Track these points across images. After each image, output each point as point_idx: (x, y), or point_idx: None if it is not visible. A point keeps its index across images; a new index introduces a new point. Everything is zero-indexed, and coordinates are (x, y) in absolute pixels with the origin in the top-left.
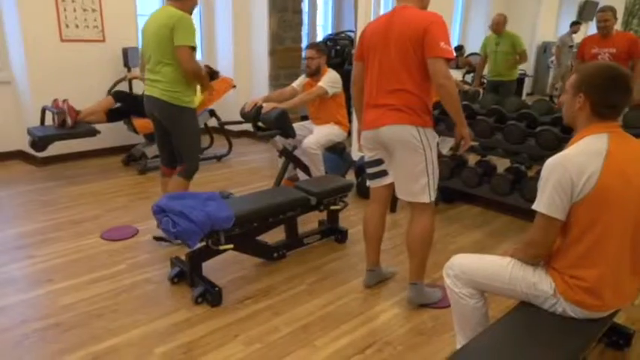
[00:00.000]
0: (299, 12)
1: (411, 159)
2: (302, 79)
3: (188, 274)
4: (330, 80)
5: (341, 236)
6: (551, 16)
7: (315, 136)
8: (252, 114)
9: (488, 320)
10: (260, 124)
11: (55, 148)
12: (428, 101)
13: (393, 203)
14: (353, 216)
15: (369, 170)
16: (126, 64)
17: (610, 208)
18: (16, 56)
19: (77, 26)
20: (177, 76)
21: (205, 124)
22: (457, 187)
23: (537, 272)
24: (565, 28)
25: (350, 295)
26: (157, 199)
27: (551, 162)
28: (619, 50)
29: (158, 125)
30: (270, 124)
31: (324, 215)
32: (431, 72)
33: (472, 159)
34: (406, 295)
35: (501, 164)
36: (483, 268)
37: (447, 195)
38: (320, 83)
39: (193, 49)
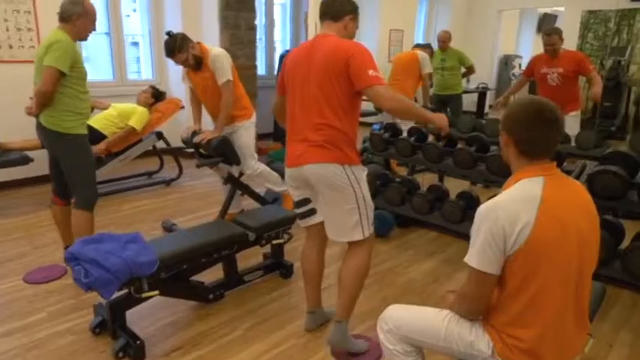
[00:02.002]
0: (253, 29)
1: (339, 198)
2: (183, 74)
3: (109, 325)
4: (221, 62)
5: (286, 271)
6: (511, 30)
7: (241, 157)
8: (191, 141)
9: None
10: (201, 150)
11: None
12: (353, 136)
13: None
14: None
15: (297, 210)
16: None
17: (547, 261)
18: None
19: (11, 47)
20: (54, 101)
21: (154, 147)
22: (408, 214)
23: (475, 329)
24: (526, 41)
25: (289, 341)
26: (98, 230)
27: (483, 209)
28: (566, 69)
29: (49, 152)
30: (211, 152)
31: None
32: (373, 102)
33: (426, 181)
34: (328, 340)
35: (459, 185)
36: (417, 322)
37: (402, 220)
38: (215, 70)
39: (62, 74)
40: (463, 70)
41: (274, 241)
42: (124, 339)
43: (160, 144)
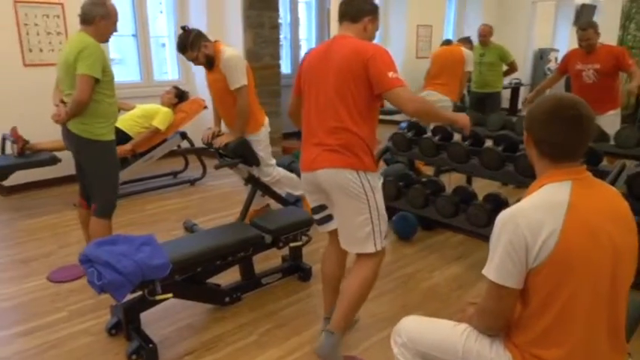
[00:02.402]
0: (276, 27)
1: (352, 206)
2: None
3: (124, 327)
4: (234, 66)
5: (304, 274)
6: (547, 22)
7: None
8: (210, 143)
9: None
10: (220, 151)
11: (20, 177)
12: (370, 142)
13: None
14: (323, 248)
15: (315, 216)
16: None
17: (575, 273)
18: None
19: (41, 50)
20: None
21: (179, 146)
22: (432, 216)
23: (495, 346)
24: (562, 34)
25: (304, 348)
26: (121, 231)
27: (502, 217)
28: (603, 65)
29: (75, 157)
30: (230, 154)
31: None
32: (395, 105)
33: (458, 179)
34: (316, 349)
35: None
36: (433, 336)
37: (426, 222)
38: (227, 74)
39: (96, 80)
40: (505, 67)
41: (292, 244)
42: (138, 342)
43: (185, 144)
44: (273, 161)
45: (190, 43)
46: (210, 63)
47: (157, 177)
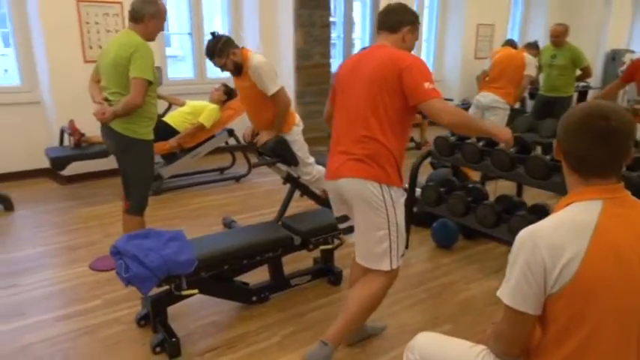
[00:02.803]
0: (327, 26)
1: (372, 219)
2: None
3: (151, 319)
4: (265, 73)
5: (334, 278)
6: (623, 21)
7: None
8: (250, 142)
9: None
10: (261, 150)
11: (78, 167)
12: (398, 155)
13: (405, 239)
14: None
15: (340, 225)
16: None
17: (598, 303)
18: (43, 77)
19: (100, 47)
20: None
21: (226, 143)
22: (472, 225)
23: None
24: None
25: None
26: (164, 224)
27: (522, 235)
28: None
29: (116, 156)
30: (269, 153)
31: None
32: (431, 117)
33: (507, 188)
34: (306, 356)
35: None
36: (446, 356)
37: (469, 231)
38: (258, 81)
39: (150, 83)
40: (578, 71)
41: (322, 247)
42: (162, 335)
43: (232, 141)
44: (312, 159)
45: (219, 49)
46: (238, 70)
47: (204, 172)
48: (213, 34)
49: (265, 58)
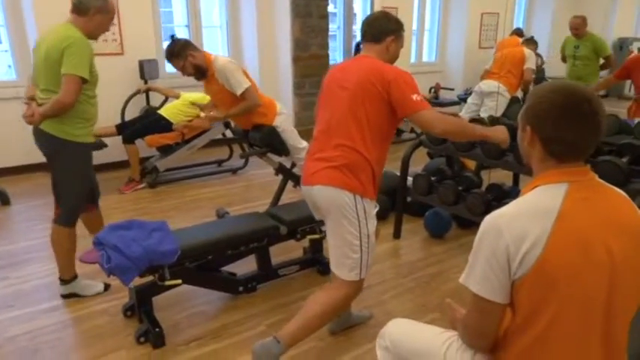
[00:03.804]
0: (324, 17)
1: (344, 229)
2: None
3: (136, 310)
4: (230, 73)
5: (323, 267)
6: (629, 9)
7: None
8: (239, 131)
9: None
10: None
11: None
12: (375, 166)
13: (397, 228)
14: None
15: (323, 227)
16: (142, 77)
17: (560, 291)
18: None
19: (96, 40)
20: None
21: (223, 135)
22: (462, 214)
23: (477, 358)
24: None
25: (308, 343)
26: (159, 216)
27: (486, 221)
28: None
29: (48, 160)
30: (258, 143)
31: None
32: (421, 127)
33: (494, 178)
34: (255, 345)
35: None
36: (415, 342)
37: (463, 220)
38: (226, 82)
39: (84, 80)
40: (602, 60)
41: (310, 236)
42: (146, 325)
43: (229, 134)
44: (304, 144)
45: (176, 52)
46: (201, 73)
47: (201, 165)
48: (172, 36)
49: (230, 58)
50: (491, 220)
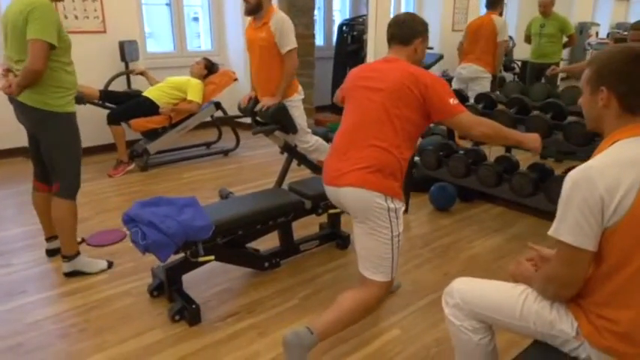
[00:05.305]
0: None
1: (376, 232)
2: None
3: (166, 288)
4: (287, 28)
5: (342, 242)
6: None
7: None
8: (249, 107)
9: (498, 359)
10: (258, 117)
11: None
12: (405, 167)
13: (406, 203)
14: None
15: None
16: (123, 59)
17: None
18: None
19: (76, 17)
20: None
21: (212, 117)
22: (474, 186)
23: (556, 307)
24: (604, 7)
25: None
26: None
27: (573, 175)
28: None
29: (28, 133)
30: (268, 120)
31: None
32: (459, 130)
33: (493, 153)
34: (287, 334)
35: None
36: (489, 297)
37: (466, 193)
38: (278, 35)
39: (52, 46)
40: (565, 39)
41: (331, 211)
42: (180, 302)
43: (218, 114)
44: (309, 130)
45: None
46: (257, 9)
47: (189, 147)
48: None
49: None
50: (581, 172)
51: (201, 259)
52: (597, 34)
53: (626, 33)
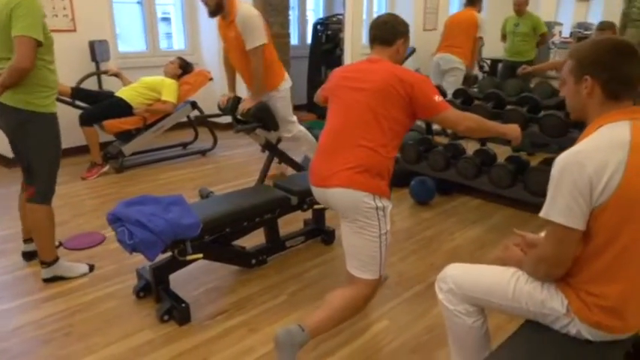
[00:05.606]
0: None
1: (365, 232)
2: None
3: (153, 289)
4: (251, 25)
5: (327, 237)
6: None
7: (280, 124)
8: (229, 107)
9: (490, 341)
10: (239, 117)
11: None
12: (391, 166)
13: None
14: None
15: None
16: (93, 59)
17: (638, 211)
18: None
19: (45, 15)
20: None
21: (188, 117)
22: (453, 178)
23: (546, 286)
24: (567, 7)
25: None
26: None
27: (563, 159)
28: None
29: (10, 137)
30: (249, 118)
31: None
32: (445, 126)
33: (470, 147)
34: (279, 331)
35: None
36: (482, 281)
37: (444, 186)
38: (244, 32)
39: (39, 43)
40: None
41: (316, 206)
42: (169, 302)
43: (194, 114)
44: (295, 118)
45: None
46: (218, 10)
47: (166, 148)
48: None
49: (258, 13)
50: (569, 156)
51: (189, 257)
52: (560, 33)
53: (587, 32)
